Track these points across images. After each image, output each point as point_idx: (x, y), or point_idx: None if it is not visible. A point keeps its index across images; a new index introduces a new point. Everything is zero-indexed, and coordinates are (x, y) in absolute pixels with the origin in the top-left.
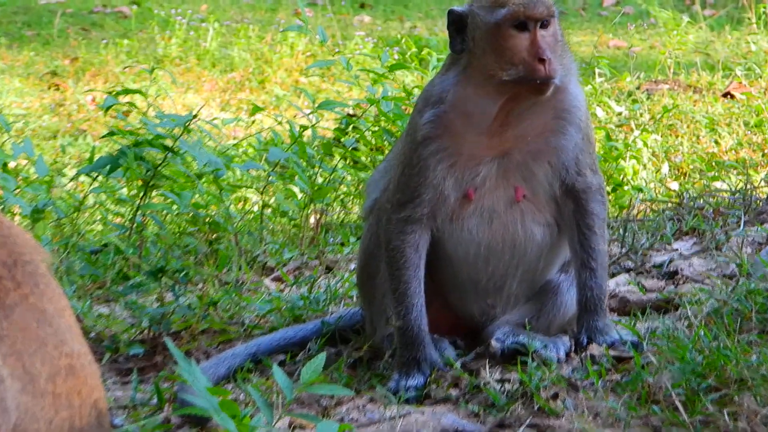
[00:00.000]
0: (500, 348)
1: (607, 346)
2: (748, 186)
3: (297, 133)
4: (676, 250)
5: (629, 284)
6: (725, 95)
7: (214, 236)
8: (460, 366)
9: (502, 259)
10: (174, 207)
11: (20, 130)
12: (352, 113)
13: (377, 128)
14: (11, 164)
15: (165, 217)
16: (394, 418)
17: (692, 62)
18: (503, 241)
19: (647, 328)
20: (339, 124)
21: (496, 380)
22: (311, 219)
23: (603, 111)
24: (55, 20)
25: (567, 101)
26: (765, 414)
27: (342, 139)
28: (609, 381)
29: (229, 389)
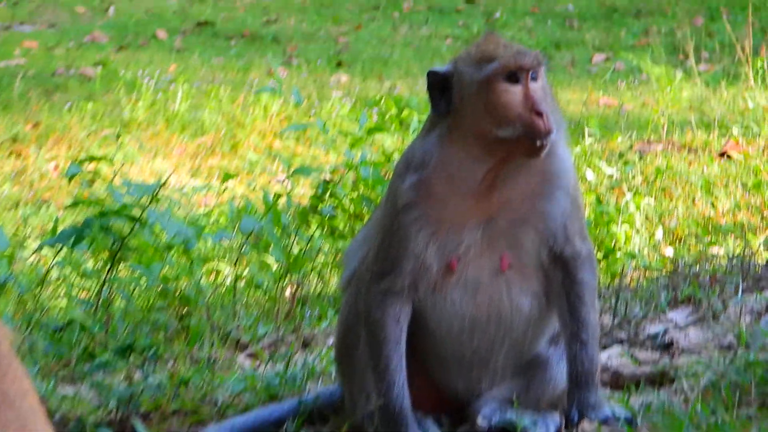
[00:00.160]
0: (487, 425)
1: (600, 423)
2: (747, 251)
3: (271, 201)
4: (671, 320)
5: (622, 356)
6: (721, 155)
7: (185, 311)
8: None
9: (488, 332)
10: (142, 280)
11: None
12: (329, 179)
13: (356, 195)
14: None
15: (133, 292)
16: None
17: (686, 120)
18: (488, 313)
19: (641, 403)
20: (315, 191)
21: None
22: (287, 291)
23: (593, 173)
24: (16, 83)
25: (555, 164)
26: None
27: (319, 207)
28: None
29: None
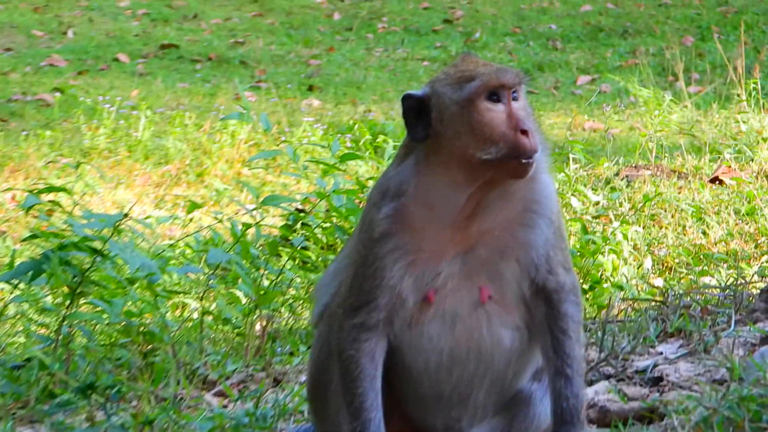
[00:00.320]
0: None
1: None
2: (740, 281)
3: (239, 232)
4: (661, 354)
5: (609, 392)
6: (713, 181)
7: (149, 347)
8: None
9: (467, 368)
10: (104, 316)
11: None
12: (301, 208)
13: (328, 225)
14: None
15: (94, 328)
16: None
17: (676, 145)
18: (468, 348)
19: None
20: (286, 221)
21: None
22: (257, 326)
23: (578, 201)
24: None
25: (537, 191)
26: None
27: (289, 238)
28: None
29: None
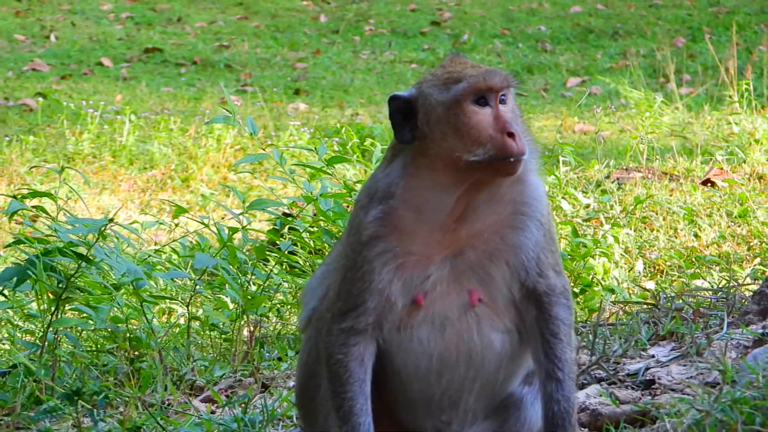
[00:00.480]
0: None
1: None
2: (732, 283)
3: (226, 237)
4: (653, 357)
5: (601, 396)
6: (705, 183)
7: (136, 354)
8: None
9: (457, 372)
10: (90, 322)
11: None
12: (288, 213)
13: (316, 229)
14: None
15: (80, 334)
16: None
17: (668, 147)
18: (457, 352)
19: None
20: (273, 226)
21: None
22: (244, 332)
23: (569, 204)
24: None
25: (526, 193)
26: None
27: (277, 242)
28: None
29: None
